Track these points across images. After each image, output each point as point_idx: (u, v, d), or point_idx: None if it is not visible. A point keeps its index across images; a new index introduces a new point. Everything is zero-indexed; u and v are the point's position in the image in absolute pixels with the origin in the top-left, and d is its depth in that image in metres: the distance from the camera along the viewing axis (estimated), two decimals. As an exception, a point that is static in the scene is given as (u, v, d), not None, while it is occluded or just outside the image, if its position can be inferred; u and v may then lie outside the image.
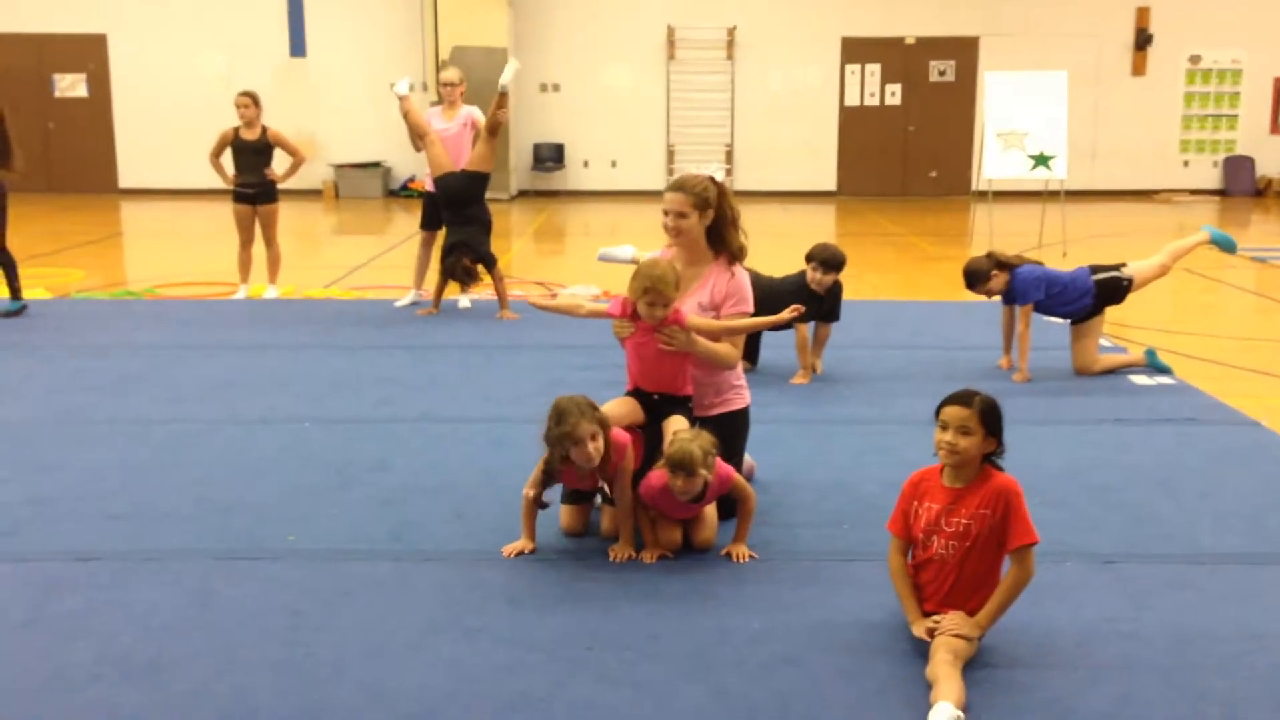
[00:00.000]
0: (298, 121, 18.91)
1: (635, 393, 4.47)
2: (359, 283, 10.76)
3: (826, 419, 6.07)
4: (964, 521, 3.43)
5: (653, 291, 4.24)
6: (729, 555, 4.17)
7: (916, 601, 3.54)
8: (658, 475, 4.13)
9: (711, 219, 4.53)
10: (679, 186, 4.52)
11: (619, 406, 4.38)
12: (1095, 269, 7.00)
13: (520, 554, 4.17)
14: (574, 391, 4.14)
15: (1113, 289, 6.95)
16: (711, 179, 4.57)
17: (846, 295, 7.10)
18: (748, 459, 4.93)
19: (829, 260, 6.77)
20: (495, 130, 8.89)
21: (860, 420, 6.04)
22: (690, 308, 4.49)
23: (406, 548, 4.29)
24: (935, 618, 3.46)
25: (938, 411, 3.47)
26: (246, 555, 4.21)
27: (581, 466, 4.07)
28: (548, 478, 4.12)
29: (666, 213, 4.53)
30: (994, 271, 6.88)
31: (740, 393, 4.73)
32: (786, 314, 4.52)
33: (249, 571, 4.07)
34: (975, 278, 6.94)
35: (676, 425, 4.25)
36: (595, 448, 4.00)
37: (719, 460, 4.13)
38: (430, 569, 4.09)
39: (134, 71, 19.35)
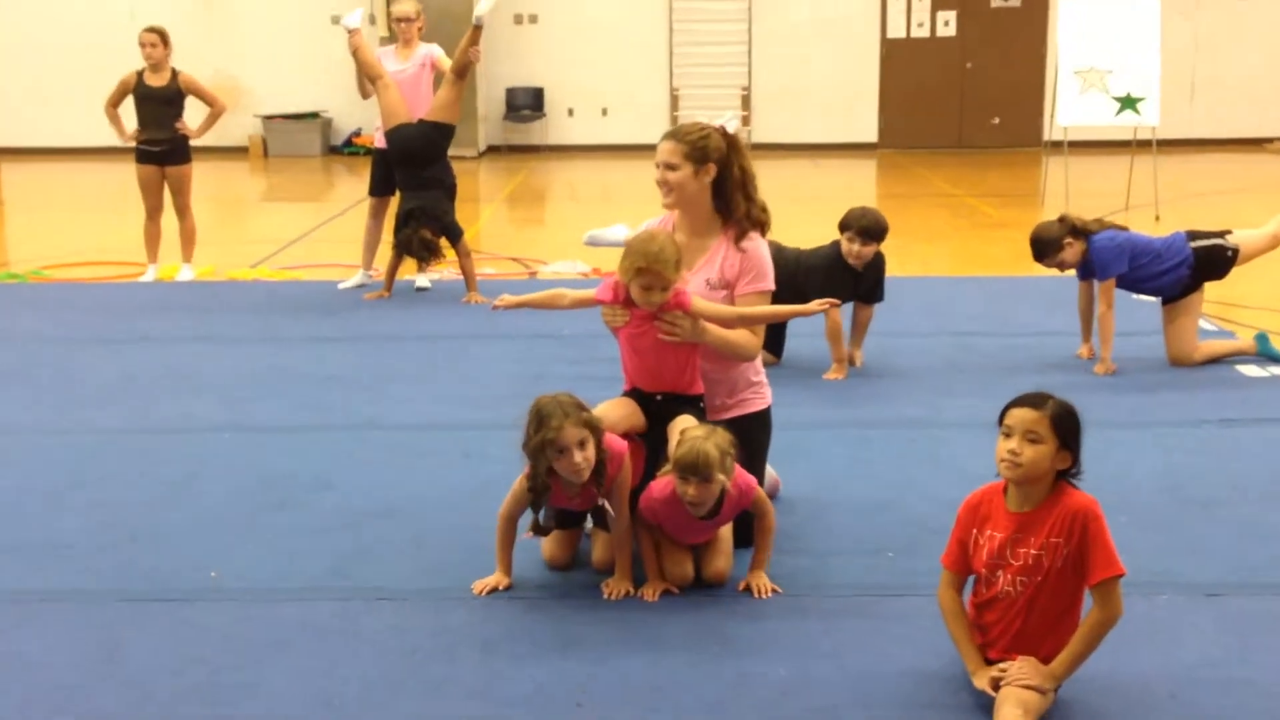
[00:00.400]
0: (217, 63, 18.89)
1: (634, 393, 4.48)
2: (293, 261, 10.76)
3: (866, 422, 6.08)
4: (1033, 553, 3.44)
5: (648, 272, 4.24)
6: (748, 589, 4.18)
7: (977, 646, 3.55)
8: (661, 485, 4.13)
9: (714, 176, 4.55)
10: (671, 134, 4.60)
11: (614, 409, 4.39)
12: (1193, 235, 7.01)
13: (494, 591, 4.19)
14: (559, 390, 4.15)
15: (1214, 260, 6.95)
16: (721, 130, 4.58)
17: (891, 270, 7.12)
18: (770, 472, 4.94)
19: (869, 229, 6.77)
20: (464, 72, 8.88)
21: (908, 424, 6.05)
22: (696, 287, 4.50)
23: (354, 585, 4.30)
24: (1001, 666, 3.47)
25: (1002, 416, 3.47)
26: (158, 596, 4.22)
27: (569, 482, 4.08)
28: (536, 496, 4.12)
29: (657, 165, 4.58)
30: (1067, 239, 6.89)
31: (759, 391, 4.74)
32: (815, 305, 4.51)
33: (161, 615, 4.07)
34: (1045, 247, 6.95)
35: (685, 425, 4.25)
36: (585, 457, 4.01)
37: (738, 466, 4.15)
38: (384, 611, 4.10)
39: (14, 2, 19.32)
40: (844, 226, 6.80)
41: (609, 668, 3.71)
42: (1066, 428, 3.43)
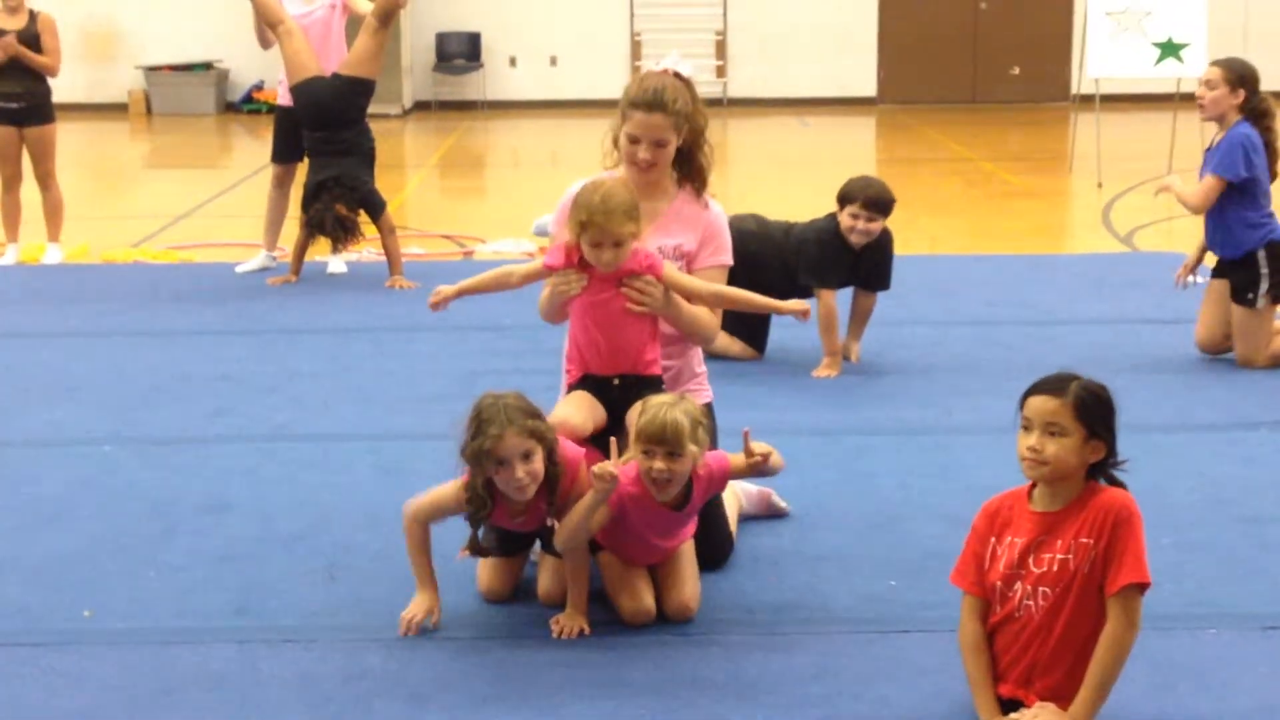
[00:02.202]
0: (89, 5, 18.79)
1: (586, 381, 4.47)
2: (183, 239, 10.72)
3: (864, 428, 6.11)
4: (1058, 557, 3.45)
5: (591, 226, 4.24)
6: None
7: (992, 686, 3.57)
8: (624, 471, 4.12)
9: (684, 136, 4.60)
10: (657, 104, 4.53)
11: (576, 408, 4.38)
12: None
13: (424, 621, 4.17)
14: (506, 390, 4.15)
15: None
16: (677, 75, 4.61)
17: (894, 248, 7.12)
18: (757, 490, 5.01)
19: (878, 200, 6.77)
20: (389, 18, 8.87)
21: (913, 429, 6.09)
22: None
23: (256, 624, 4.29)
24: (1013, 716, 3.48)
25: (1021, 404, 3.49)
26: (23, 639, 4.20)
27: (513, 499, 4.08)
28: (476, 512, 4.12)
29: (636, 140, 4.56)
30: (1242, 90, 6.89)
31: (702, 384, 4.78)
32: (790, 305, 4.51)
33: (27, 662, 4.05)
34: (1234, 66, 6.93)
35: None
36: (529, 472, 4.01)
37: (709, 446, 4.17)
38: (291, 654, 4.09)
39: None
40: (845, 199, 6.80)
41: (560, 719, 3.72)
42: (1094, 414, 3.44)
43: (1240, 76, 6.91)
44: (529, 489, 4.03)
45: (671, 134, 4.55)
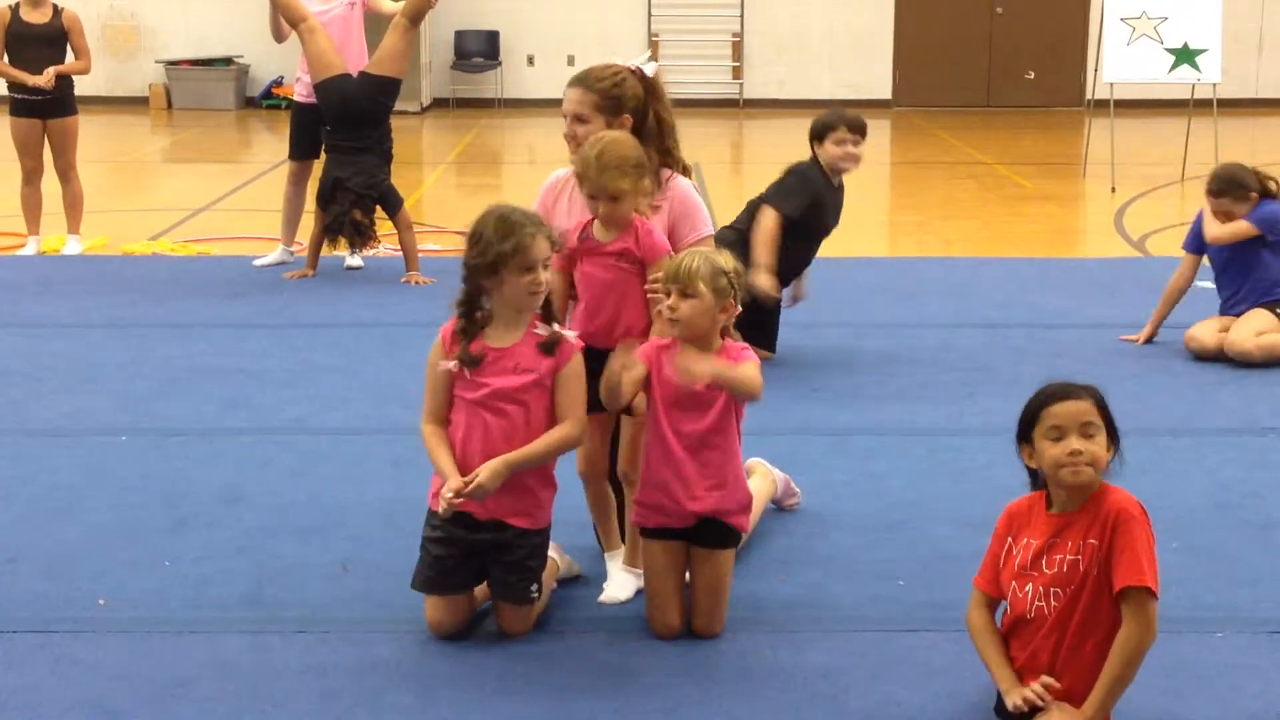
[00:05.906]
0: (112, -1, 18.81)
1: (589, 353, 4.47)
2: (201, 233, 10.73)
3: (875, 429, 6.11)
4: (1068, 558, 3.46)
5: (586, 180, 4.30)
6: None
7: (1007, 661, 3.56)
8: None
9: (630, 128, 4.57)
10: (579, 80, 4.64)
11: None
12: None
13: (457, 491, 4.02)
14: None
15: None
16: (638, 72, 4.63)
17: (908, 250, 7.16)
18: (780, 475, 5.00)
19: (858, 122, 6.89)
20: (419, 17, 8.85)
21: (924, 431, 6.08)
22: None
23: (269, 615, 4.30)
24: (1035, 687, 3.46)
25: (1034, 416, 3.47)
26: (38, 627, 4.21)
27: (518, 308, 4.09)
28: (469, 325, 4.12)
29: (564, 115, 4.65)
30: (1254, 194, 7.04)
31: None
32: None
33: (40, 650, 4.06)
34: (1233, 185, 7.08)
35: None
36: (547, 281, 4.08)
37: (739, 344, 4.11)
38: (303, 645, 4.10)
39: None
40: (825, 128, 6.85)
41: (568, 712, 3.72)
42: (1109, 412, 3.49)
43: (1242, 187, 7.09)
44: (540, 296, 4.08)
45: (591, 111, 4.59)
